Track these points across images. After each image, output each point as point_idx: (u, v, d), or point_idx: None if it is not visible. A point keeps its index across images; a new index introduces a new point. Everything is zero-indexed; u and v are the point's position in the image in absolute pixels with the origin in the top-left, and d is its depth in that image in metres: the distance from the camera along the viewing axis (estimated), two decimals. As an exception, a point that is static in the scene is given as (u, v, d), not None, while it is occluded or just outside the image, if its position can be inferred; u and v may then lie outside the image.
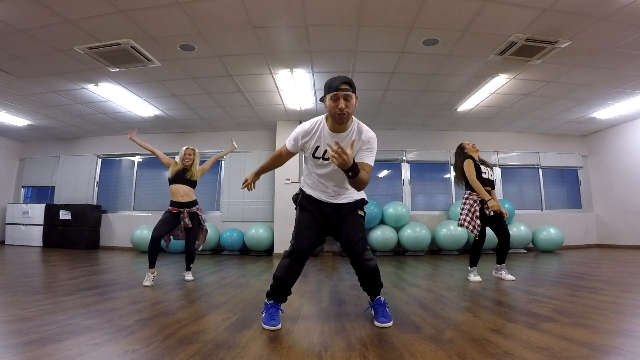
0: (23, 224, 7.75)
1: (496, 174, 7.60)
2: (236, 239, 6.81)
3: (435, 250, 7.12)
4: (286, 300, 2.08)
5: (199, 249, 3.83)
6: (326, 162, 1.99)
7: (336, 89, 1.84)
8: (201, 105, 6.29)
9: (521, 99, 5.95)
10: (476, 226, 3.44)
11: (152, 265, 3.39)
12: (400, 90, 5.64)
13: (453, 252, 6.74)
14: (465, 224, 3.51)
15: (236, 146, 4.41)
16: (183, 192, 3.61)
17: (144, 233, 6.88)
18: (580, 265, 4.74)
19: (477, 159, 3.62)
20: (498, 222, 3.51)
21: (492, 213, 3.43)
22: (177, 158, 3.77)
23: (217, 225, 7.23)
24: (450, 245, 6.62)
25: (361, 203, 2.15)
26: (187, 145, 3.85)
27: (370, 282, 2.07)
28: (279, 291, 2.02)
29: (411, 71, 4.95)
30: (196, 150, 3.80)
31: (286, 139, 2.18)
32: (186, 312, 2.27)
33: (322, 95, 1.93)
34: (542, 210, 7.78)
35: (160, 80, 5.20)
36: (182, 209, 3.57)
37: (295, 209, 2.18)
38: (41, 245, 7.54)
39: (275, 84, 5.36)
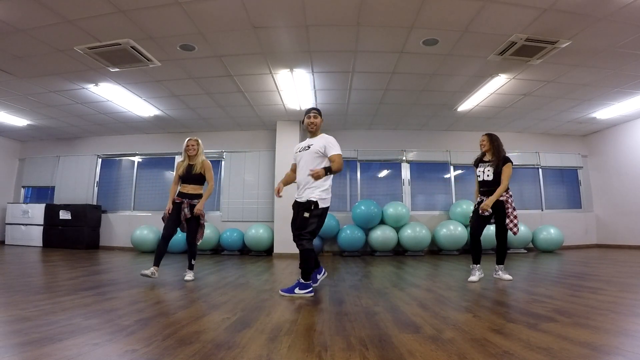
0: (23, 224, 7.75)
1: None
2: (236, 239, 6.81)
3: (435, 250, 7.12)
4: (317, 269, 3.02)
5: (198, 243, 3.84)
6: (302, 152, 3.04)
7: (307, 112, 3.13)
8: (201, 105, 6.29)
9: (521, 99, 5.95)
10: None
11: (156, 263, 3.45)
12: (400, 90, 5.64)
13: (453, 252, 6.73)
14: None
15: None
16: (190, 188, 3.68)
17: (144, 233, 6.88)
18: (580, 265, 4.74)
19: (487, 157, 3.68)
20: (498, 221, 3.55)
21: (486, 213, 3.48)
22: (182, 155, 3.79)
23: (217, 225, 7.23)
24: (450, 246, 6.62)
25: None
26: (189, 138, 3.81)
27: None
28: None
29: (411, 71, 4.95)
30: (199, 141, 3.79)
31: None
32: (186, 312, 2.27)
33: (303, 119, 3.16)
34: (542, 210, 7.78)
35: (160, 80, 5.20)
36: (184, 200, 3.61)
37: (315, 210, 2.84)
38: (41, 245, 7.54)
39: (275, 84, 5.36)
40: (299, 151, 3.04)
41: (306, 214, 2.74)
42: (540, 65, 4.68)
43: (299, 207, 2.88)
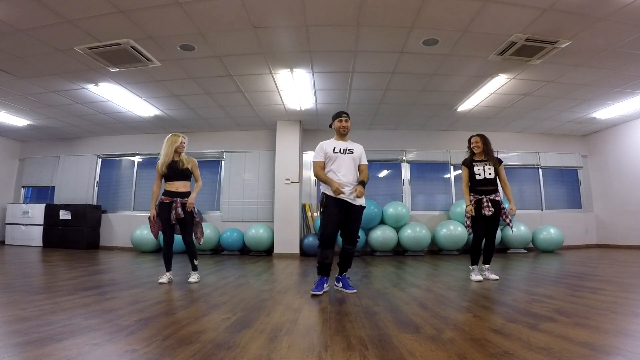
0: (23, 224, 7.75)
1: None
2: (236, 239, 6.81)
3: (435, 250, 7.12)
4: (329, 274, 3.07)
5: (200, 244, 3.77)
6: (343, 155, 3.12)
7: (339, 116, 3.20)
8: (201, 105, 6.29)
9: (521, 99, 5.95)
10: (466, 226, 3.66)
11: (168, 268, 3.49)
12: (400, 90, 5.64)
13: (453, 252, 6.73)
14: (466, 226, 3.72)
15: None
16: (179, 185, 3.51)
17: (144, 233, 6.87)
18: (580, 265, 4.74)
19: (479, 157, 3.71)
20: (491, 222, 3.58)
21: (490, 212, 3.47)
22: (164, 150, 3.52)
23: (217, 225, 7.23)
24: (450, 245, 6.62)
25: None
26: (173, 134, 3.63)
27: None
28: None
29: (411, 71, 4.94)
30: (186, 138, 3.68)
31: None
32: (186, 312, 2.27)
33: (331, 122, 3.30)
34: (542, 210, 7.78)
35: (160, 80, 5.20)
36: (175, 199, 3.45)
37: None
38: (41, 245, 7.53)
39: (275, 84, 5.36)
40: (338, 152, 3.08)
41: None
42: (540, 65, 4.68)
43: (351, 208, 3.00)
